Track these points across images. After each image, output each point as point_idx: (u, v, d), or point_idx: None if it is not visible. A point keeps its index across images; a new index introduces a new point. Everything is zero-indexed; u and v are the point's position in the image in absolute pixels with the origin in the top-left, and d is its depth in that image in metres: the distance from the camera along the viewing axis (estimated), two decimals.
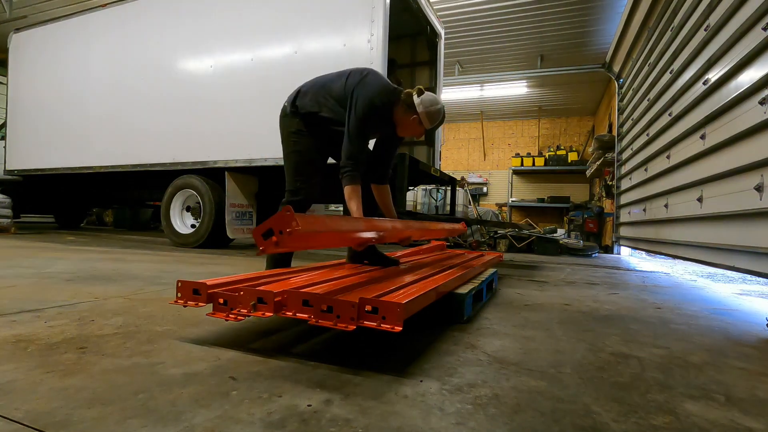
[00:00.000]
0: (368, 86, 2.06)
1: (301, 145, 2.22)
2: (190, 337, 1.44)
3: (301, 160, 2.24)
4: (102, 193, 7.35)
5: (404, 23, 5.29)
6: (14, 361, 1.16)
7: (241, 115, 4.79)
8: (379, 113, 2.07)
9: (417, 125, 2.08)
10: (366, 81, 2.08)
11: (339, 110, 2.11)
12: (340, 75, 2.17)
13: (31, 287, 2.20)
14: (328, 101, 2.14)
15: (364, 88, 2.05)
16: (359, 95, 2.03)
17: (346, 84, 2.11)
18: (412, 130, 2.13)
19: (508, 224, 8.10)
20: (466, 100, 11.15)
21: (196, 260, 3.83)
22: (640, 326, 1.95)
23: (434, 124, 2.09)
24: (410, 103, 2.05)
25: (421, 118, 2.04)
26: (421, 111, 2.03)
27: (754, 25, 2.74)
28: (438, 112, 2.06)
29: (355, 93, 2.05)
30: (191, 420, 0.87)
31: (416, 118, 2.05)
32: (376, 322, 1.18)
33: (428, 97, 2.05)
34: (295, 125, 2.22)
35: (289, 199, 2.25)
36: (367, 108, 2.02)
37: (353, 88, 2.06)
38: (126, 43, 5.67)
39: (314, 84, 2.24)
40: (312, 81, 2.27)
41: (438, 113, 2.06)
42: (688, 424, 0.97)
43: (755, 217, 2.59)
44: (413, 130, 2.13)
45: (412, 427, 0.89)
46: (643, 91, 5.68)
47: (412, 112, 2.05)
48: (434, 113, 2.05)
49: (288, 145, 2.26)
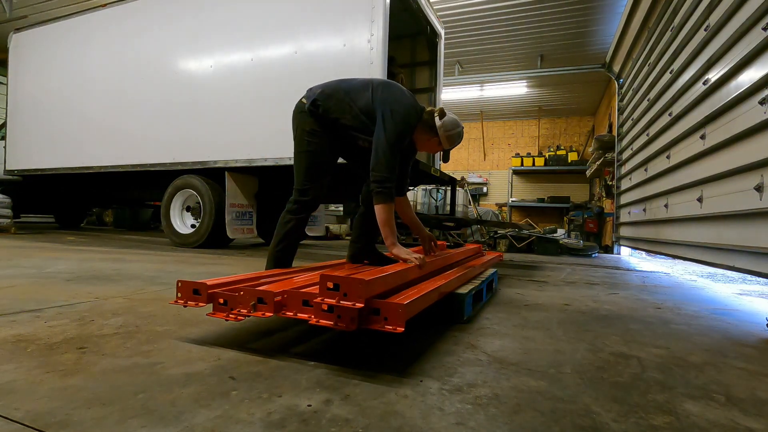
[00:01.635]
0: (401, 103, 2.08)
1: (315, 145, 2.20)
2: (190, 337, 1.44)
3: (313, 161, 2.22)
4: (102, 193, 7.35)
5: (404, 23, 5.29)
6: (14, 361, 1.16)
7: (241, 115, 4.79)
8: (411, 131, 2.12)
9: (436, 145, 2.15)
10: (397, 99, 2.09)
11: (362, 120, 2.11)
12: (364, 86, 2.16)
13: (31, 287, 2.20)
14: (353, 109, 2.12)
15: (399, 104, 2.06)
16: (395, 111, 2.03)
17: (373, 98, 2.10)
18: (430, 148, 2.19)
19: (508, 224, 8.10)
20: (466, 100, 11.15)
21: (196, 260, 3.83)
22: (640, 326, 1.95)
23: (453, 145, 2.16)
24: (432, 124, 2.09)
25: (441, 140, 2.10)
26: (441, 134, 2.08)
27: (754, 25, 2.73)
28: (458, 135, 2.13)
29: (389, 109, 2.04)
30: (191, 420, 0.87)
31: (437, 139, 2.11)
32: (378, 323, 1.19)
33: (449, 119, 2.10)
34: (309, 124, 2.19)
35: (297, 199, 2.22)
36: (403, 125, 2.04)
37: (384, 102, 2.06)
38: (126, 42, 5.67)
39: (338, 89, 2.20)
40: (335, 83, 2.23)
41: (458, 136, 2.13)
42: (688, 424, 0.97)
43: (755, 217, 2.59)
44: (431, 149, 2.20)
45: (412, 427, 0.89)
46: (643, 91, 5.68)
47: (433, 134, 2.10)
48: (454, 136, 2.12)
49: (301, 144, 2.22)
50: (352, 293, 1.14)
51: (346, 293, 1.15)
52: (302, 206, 2.23)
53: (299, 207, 2.22)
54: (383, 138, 1.99)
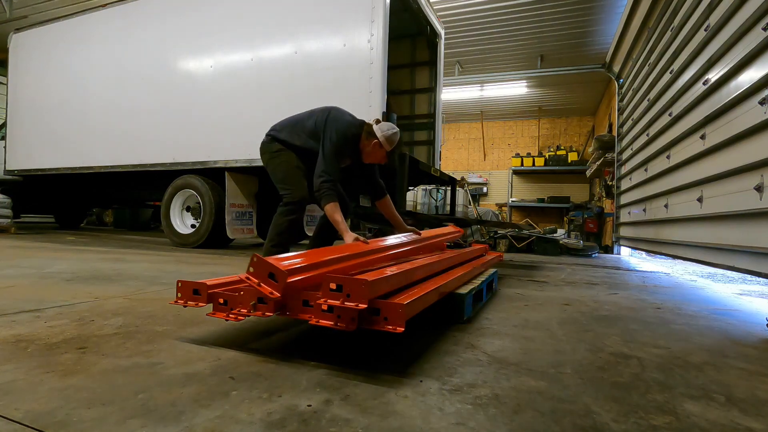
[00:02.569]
0: (339, 120, 2.51)
1: (285, 156, 2.63)
2: (190, 337, 1.44)
3: (288, 167, 2.62)
4: (102, 193, 7.35)
5: (404, 23, 5.29)
6: (14, 361, 1.16)
7: (241, 114, 4.80)
8: (351, 142, 2.51)
9: (378, 148, 2.49)
10: (336, 117, 2.53)
11: (310, 142, 2.56)
12: (309, 115, 2.63)
13: (31, 287, 2.20)
14: (301, 136, 2.59)
15: (336, 122, 2.50)
16: (332, 127, 2.47)
17: (316, 121, 2.55)
18: (375, 155, 2.53)
19: (508, 224, 8.10)
20: (466, 100, 11.15)
21: (196, 260, 3.83)
22: (640, 326, 1.95)
23: (393, 146, 2.49)
24: (371, 131, 2.49)
25: (381, 141, 2.46)
26: (380, 135, 2.45)
27: (754, 25, 2.73)
28: (395, 134, 2.47)
29: (328, 125, 2.48)
30: (191, 420, 0.87)
31: (377, 142, 2.47)
32: (378, 323, 1.19)
33: (385, 123, 2.50)
34: (276, 147, 2.66)
35: (289, 200, 2.57)
36: (341, 136, 2.46)
37: (324, 122, 2.51)
38: (126, 42, 5.67)
39: (287, 123, 2.69)
40: (284, 121, 2.73)
41: (395, 135, 2.47)
42: (688, 424, 0.97)
43: (755, 217, 2.59)
44: (376, 155, 2.54)
45: (412, 427, 0.89)
46: (643, 91, 5.68)
47: (373, 137, 2.47)
48: (391, 136, 2.46)
49: (273, 161, 2.66)
50: (355, 294, 1.14)
51: (350, 294, 1.15)
52: (291, 207, 2.59)
53: (288, 209, 2.59)
54: (325, 147, 2.44)
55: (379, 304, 1.20)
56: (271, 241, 2.58)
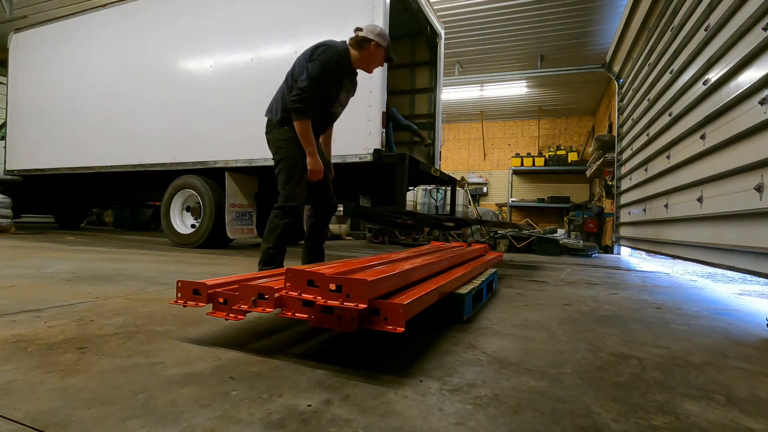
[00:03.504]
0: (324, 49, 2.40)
1: (294, 151, 2.49)
2: (190, 337, 1.44)
3: (294, 165, 2.50)
4: (102, 193, 7.34)
5: (404, 23, 5.29)
6: (14, 361, 1.16)
7: (241, 115, 4.79)
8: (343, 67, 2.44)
9: (377, 48, 2.45)
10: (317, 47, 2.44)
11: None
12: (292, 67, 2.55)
13: (31, 287, 2.20)
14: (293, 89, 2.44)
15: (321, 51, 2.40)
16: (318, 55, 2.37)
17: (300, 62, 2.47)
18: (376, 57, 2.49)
19: (508, 224, 8.10)
20: (466, 100, 11.15)
21: (196, 260, 3.83)
22: (640, 326, 1.95)
23: (386, 40, 2.47)
24: (359, 40, 2.43)
25: (377, 40, 2.43)
26: (372, 37, 2.42)
27: (754, 26, 2.73)
28: (382, 29, 2.46)
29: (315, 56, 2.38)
30: (191, 420, 0.87)
31: (375, 43, 2.43)
32: (378, 323, 1.18)
33: (368, 26, 2.48)
34: (285, 133, 2.50)
35: (283, 205, 2.47)
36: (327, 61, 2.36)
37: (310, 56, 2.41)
38: (126, 42, 5.67)
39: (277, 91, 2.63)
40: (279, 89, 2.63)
41: (383, 30, 2.47)
42: (688, 424, 0.97)
43: (755, 217, 2.59)
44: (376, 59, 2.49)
45: (412, 427, 0.89)
46: (643, 91, 5.68)
47: (367, 42, 2.43)
48: (381, 31, 2.45)
49: (281, 152, 2.51)
50: (354, 294, 1.14)
51: (349, 294, 1.15)
52: (289, 211, 2.49)
53: (284, 212, 2.49)
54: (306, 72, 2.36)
55: (379, 305, 1.20)
56: (267, 243, 2.49)
